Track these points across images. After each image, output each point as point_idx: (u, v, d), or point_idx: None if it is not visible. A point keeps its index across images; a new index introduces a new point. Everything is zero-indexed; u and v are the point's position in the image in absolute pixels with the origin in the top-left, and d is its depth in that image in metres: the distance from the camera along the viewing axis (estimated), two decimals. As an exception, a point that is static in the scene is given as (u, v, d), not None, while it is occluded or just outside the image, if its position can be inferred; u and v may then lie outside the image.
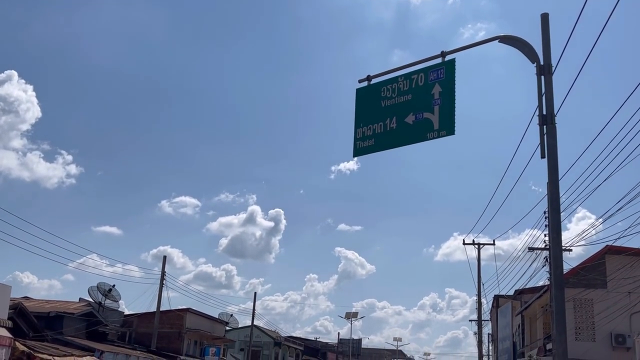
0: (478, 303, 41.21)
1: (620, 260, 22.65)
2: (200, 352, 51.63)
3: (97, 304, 41.09)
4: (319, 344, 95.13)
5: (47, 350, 27.22)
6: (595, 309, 23.74)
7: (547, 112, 11.00)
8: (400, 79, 11.68)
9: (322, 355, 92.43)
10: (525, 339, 32.67)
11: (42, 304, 37.29)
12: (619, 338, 23.53)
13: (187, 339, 49.54)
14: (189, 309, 50.68)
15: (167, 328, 47.52)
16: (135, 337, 46.74)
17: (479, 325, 42.20)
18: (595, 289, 23.74)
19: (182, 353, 46.80)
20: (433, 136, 11.09)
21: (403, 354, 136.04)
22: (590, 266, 24.05)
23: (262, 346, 73.70)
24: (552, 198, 10.94)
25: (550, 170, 10.93)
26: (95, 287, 42.06)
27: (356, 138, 12.26)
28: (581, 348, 22.87)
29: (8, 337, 24.00)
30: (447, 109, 10.94)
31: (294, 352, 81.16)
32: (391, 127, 11.71)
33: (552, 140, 10.97)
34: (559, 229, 11.01)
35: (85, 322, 36.26)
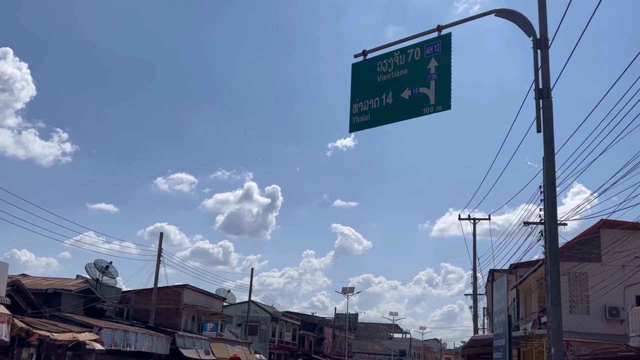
0: (473, 277, 41.57)
1: (615, 233, 22.79)
2: (198, 327, 52.01)
3: (95, 281, 41.25)
4: (315, 319, 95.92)
5: (45, 327, 27.38)
6: (589, 282, 23.95)
7: (543, 86, 10.99)
8: (396, 53, 11.61)
9: (319, 330, 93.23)
10: (520, 313, 32.99)
11: (39, 281, 37.42)
12: (612, 311, 23.78)
13: (185, 315, 49.88)
14: (186, 285, 50.96)
15: (165, 304, 47.81)
16: (133, 314, 47.04)
17: (474, 299, 42.61)
18: (589, 262, 23.93)
19: (180, 329, 47.15)
20: (429, 111, 11.06)
21: (399, 328, 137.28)
22: (585, 240, 24.22)
23: (260, 321, 74.29)
24: (548, 172, 10.97)
25: (546, 144, 10.94)
26: (92, 264, 42.20)
27: (352, 114, 12.23)
28: (575, 321, 23.12)
29: (6, 314, 24.10)
30: (443, 83, 10.91)
31: (291, 327, 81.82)
32: (387, 102, 11.67)
33: (548, 115, 10.97)
34: (555, 203, 11.07)
35: (83, 299, 36.43)
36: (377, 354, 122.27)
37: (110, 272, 43.48)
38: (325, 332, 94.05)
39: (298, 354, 76.62)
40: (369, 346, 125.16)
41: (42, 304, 31.15)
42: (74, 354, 31.26)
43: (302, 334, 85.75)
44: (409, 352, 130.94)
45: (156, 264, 45.45)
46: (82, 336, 29.99)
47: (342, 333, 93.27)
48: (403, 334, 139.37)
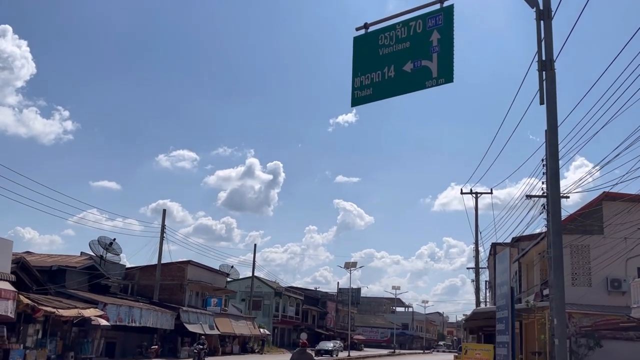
0: (475, 251, 41.69)
1: (617, 206, 22.78)
2: (202, 303, 52.38)
3: (99, 258, 41.46)
4: (318, 294, 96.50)
5: (50, 303, 27.62)
6: (591, 255, 24.00)
7: (546, 58, 10.90)
8: (398, 26, 11.49)
9: (322, 304, 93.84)
10: (522, 286, 33.13)
11: (44, 258, 37.61)
12: (614, 283, 23.86)
13: (189, 291, 50.21)
14: (190, 261, 51.21)
15: (169, 280, 48.11)
16: (138, 290, 47.36)
17: (477, 272, 42.78)
18: (592, 235, 23.97)
19: (184, 304, 47.49)
20: (431, 84, 10.97)
21: (402, 302, 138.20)
22: (587, 212, 24.23)
23: (263, 296, 74.77)
24: (551, 144, 10.94)
25: (549, 116, 10.89)
26: (96, 241, 42.38)
27: (354, 87, 12.13)
28: (577, 293, 23.22)
29: (12, 291, 24.30)
30: (446, 56, 10.79)
31: (295, 301, 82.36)
32: (389, 75, 11.57)
33: (551, 86, 10.90)
34: (557, 175, 11.05)
35: (88, 276, 36.65)
36: (380, 327, 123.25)
37: (114, 248, 43.68)
38: (328, 306, 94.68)
39: (302, 328, 77.21)
40: (372, 320, 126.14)
41: (47, 281, 31.36)
42: (79, 330, 31.55)
43: (305, 309, 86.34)
44: (411, 325, 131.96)
45: (159, 241, 45.65)
46: (87, 312, 30.25)
47: (345, 307, 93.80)
48: (405, 307, 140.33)
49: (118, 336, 36.75)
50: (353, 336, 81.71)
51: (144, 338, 39.82)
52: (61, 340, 30.01)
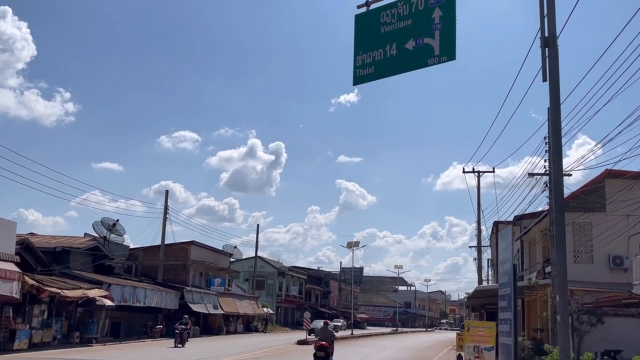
0: (478, 229, 41.77)
1: (620, 183, 22.77)
2: (206, 283, 52.67)
3: (102, 239, 41.61)
4: (321, 273, 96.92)
5: (55, 284, 27.79)
6: (594, 232, 24.04)
7: (549, 34, 10.84)
8: (400, 3, 11.41)
9: (324, 283, 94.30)
10: (524, 264, 33.24)
11: (47, 239, 37.77)
12: (616, 260, 23.94)
13: (193, 271, 50.47)
14: (193, 241, 51.40)
15: (173, 260, 48.34)
16: (142, 270, 47.60)
17: (479, 251, 42.89)
18: (594, 212, 24.01)
19: (188, 284, 47.76)
20: (434, 62, 10.91)
21: (404, 281, 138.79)
22: (589, 190, 24.24)
23: (267, 276, 75.14)
24: (553, 121, 10.91)
25: (552, 93, 10.86)
26: (99, 222, 42.49)
27: (356, 66, 12.07)
28: (580, 270, 23.31)
29: (17, 272, 24.45)
30: (448, 33, 10.72)
31: (298, 281, 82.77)
32: (391, 53, 11.51)
33: (554, 63, 10.86)
34: (560, 152, 11.04)
35: (92, 257, 36.83)
36: (383, 306, 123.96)
37: (118, 229, 43.82)
38: (331, 285, 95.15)
39: (305, 307, 77.66)
40: (375, 299, 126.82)
41: (51, 262, 31.53)
42: (84, 310, 31.79)
43: (308, 288, 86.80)
44: (414, 304, 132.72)
45: (163, 222, 45.81)
46: (92, 292, 30.46)
47: (348, 286, 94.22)
48: (408, 286, 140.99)
49: (123, 316, 37.01)
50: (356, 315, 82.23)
51: (149, 318, 40.11)
52: (66, 320, 30.25)
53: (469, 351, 19.19)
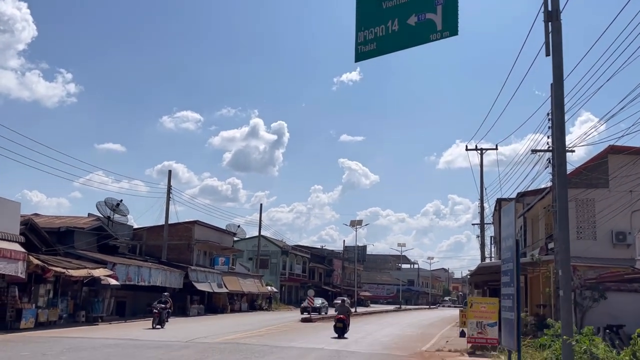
0: (480, 207, 41.82)
1: (623, 159, 22.72)
2: (210, 262, 52.92)
3: (106, 219, 41.76)
4: (325, 252, 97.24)
5: (60, 264, 27.95)
6: (596, 208, 24.02)
7: (552, 8, 10.78)
8: (402, -22, 11.32)
9: (328, 262, 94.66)
10: (527, 240, 33.29)
11: (51, 219, 37.91)
12: (619, 235, 23.95)
13: (197, 250, 50.69)
14: (197, 221, 51.55)
15: (177, 240, 48.53)
16: (146, 250, 47.82)
17: (482, 228, 42.97)
18: (597, 188, 23.97)
19: (192, 263, 47.99)
20: (436, 37, 10.84)
21: (407, 259, 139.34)
22: (592, 166, 24.18)
23: (270, 255, 75.44)
24: (557, 96, 10.89)
25: (555, 68, 10.82)
26: (103, 202, 42.63)
27: (357, 42, 12.00)
28: (582, 246, 23.31)
29: (22, 252, 24.58)
30: (450, 8, 10.64)
31: (301, 260, 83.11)
32: (393, 29, 11.44)
33: (557, 38, 10.80)
34: (563, 127, 11.03)
35: (96, 236, 36.97)
36: (386, 284, 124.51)
37: (121, 209, 43.96)
38: (334, 264, 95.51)
39: (308, 285, 78.03)
40: (378, 277, 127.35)
41: (56, 242, 31.67)
42: (89, 290, 31.99)
43: (312, 267, 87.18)
44: (417, 281, 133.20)
45: (166, 202, 45.90)
46: (96, 272, 30.63)
47: (351, 265, 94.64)
48: (411, 264, 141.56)
49: (128, 295, 37.25)
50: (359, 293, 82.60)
51: (154, 297, 40.29)
52: (72, 299, 30.46)
53: (472, 327, 19.32)
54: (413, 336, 29.09)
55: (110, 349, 17.70)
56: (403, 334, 30.19)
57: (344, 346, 21.24)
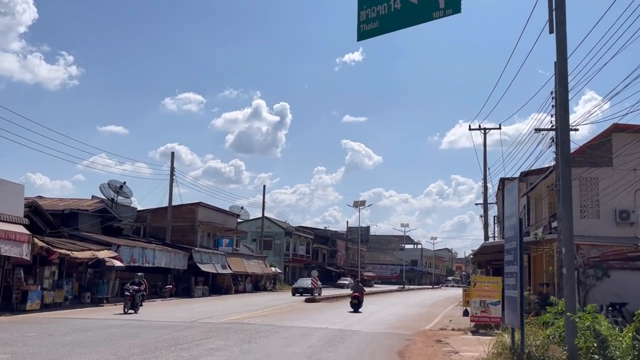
0: (484, 186, 41.78)
1: (626, 137, 22.64)
2: (213, 243, 53.08)
3: (110, 201, 41.85)
4: (328, 233, 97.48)
5: (65, 246, 28.06)
6: (600, 186, 23.97)
7: (556, -15, 10.67)
8: (404, -45, 11.20)
9: (331, 243, 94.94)
10: (530, 219, 33.29)
11: (55, 202, 37.98)
12: (623, 214, 23.93)
13: (200, 232, 50.82)
14: (200, 203, 51.63)
15: (180, 222, 48.64)
16: (150, 232, 47.96)
17: (485, 208, 42.96)
18: (600, 167, 23.92)
19: (197, 245, 48.15)
20: (438, 15, 10.75)
21: (410, 240, 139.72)
22: (596, 144, 24.09)
23: (274, 236, 75.67)
24: (560, 74, 10.82)
25: (559, 45, 10.74)
26: (106, 185, 42.70)
27: (360, 21, 11.93)
28: (586, 224, 23.31)
29: (26, 234, 24.67)
30: (453, -15, 10.55)
31: (305, 240, 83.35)
32: (395, 7, 11.35)
33: (561, 15, 10.71)
34: (567, 106, 10.98)
35: (100, 219, 37.07)
36: (390, 264, 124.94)
37: (125, 191, 44.04)
38: (338, 245, 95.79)
39: (312, 266, 78.42)
40: (381, 257, 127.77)
41: (60, 224, 31.77)
42: (94, 271, 32.14)
43: (315, 247, 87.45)
44: (420, 262, 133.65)
45: (169, 184, 45.96)
46: (101, 254, 30.77)
47: (355, 245, 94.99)
48: (414, 244, 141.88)
49: (132, 277, 37.35)
50: (363, 273, 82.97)
51: (158, 278, 40.57)
52: (77, 281, 30.62)
53: (475, 306, 19.42)
54: (416, 315, 29.25)
55: (115, 329, 17.83)
56: (406, 314, 30.34)
57: (347, 325, 21.37)
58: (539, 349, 10.00)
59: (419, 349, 15.19)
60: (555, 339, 10.89)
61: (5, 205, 24.46)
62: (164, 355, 12.36)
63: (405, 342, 16.71)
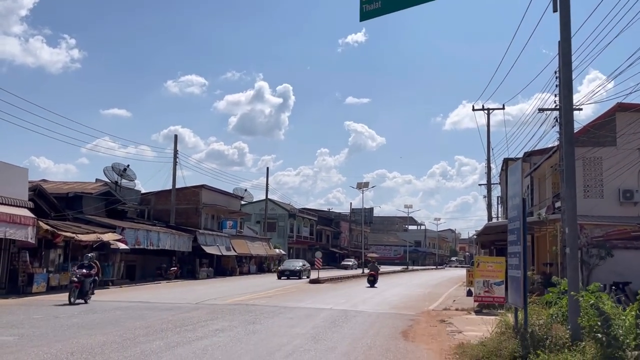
0: (487, 167, 41.74)
1: (631, 116, 22.51)
2: (217, 225, 53.26)
3: (114, 184, 41.93)
4: (332, 214, 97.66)
5: (69, 229, 28.19)
6: (604, 166, 23.87)
7: (560, -38, 10.58)
8: None
9: (335, 224, 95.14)
10: (534, 200, 33.29)
11: (59, 185, 38.09)
12: (626, 194, 23.88)
13: (204, 214, 50.97)
14: (204, 185, 51.75)
15: (184, 204, 48.76)
16: (154, 214, 48.11)
17: (488, 188, 42.95)
18: (604, 146, 23.82)
19: (201, 227, 48.31)
20: (442, -6, 10.68)
21: (414, 221, 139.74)
22: (600, 124, 23.97)
23: (278, 218, 75.84)
24: (564, 53, 10.76)
25: (562, 25, 10.66)
26: (110, 168, 42.76)
27: (362, 1, 11.83)
28: (589, 204, 23.27)
29: (31, 217, 24.77)
30: (456, -36, 10.46)
31: (308, 222, 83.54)
32: (398, -14, 11.27)
33: (565, -8, 10.62)
34: (570, 85, 10.93)
35: (104, 201, 37.17)
36: (393, 245, 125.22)
37: (128, 174, 44.10)
38: (341, 226, 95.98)
39: (316, 247, 78.68)
40: (385, 238, 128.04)
41: (64, 207, 31.86)
42: (99, 254, 32.28)
43: (319, 229, 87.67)
44: (424, 242, 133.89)
45: (173, 166, 46.02)
46: (106, 236, 30.92)
47: (358, 227, 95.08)
48: (418, 225, 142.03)
49: (137, 259, 37.62)
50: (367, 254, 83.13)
51: (163, 260, 40.77)
52: (82, 264, 30.77)
53: (478, 286, 19.48)
54: (420, 296, 29.37)
55: (121, 311, 17.96)
56: (410, 294, 30.47)
57: (352, 306, 21.49)
58: (542, 328, 10.03)
59: (422, 328, 15.29)
60: (559, 318, 10.93)
61: (9, 189, 24.54)
62: (170, 336, 12.46)
63: (409, 322, 16.81)
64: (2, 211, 22.92)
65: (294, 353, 10.73)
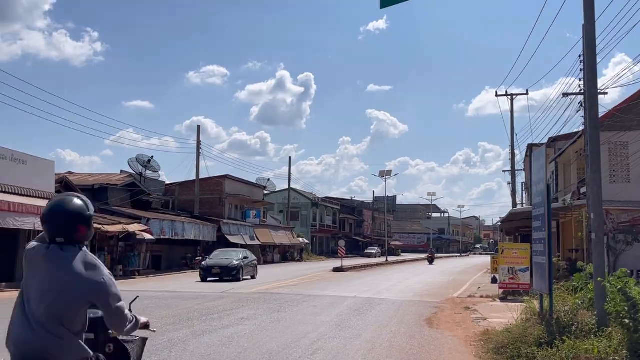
0: (511, 153, 41.40)
1: (658, 100, 22.20)
2: (241, 215, 53.58)
3: (138, 175, 42.33)
4: (355, 203, 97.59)
5: (95, 220, 28.48)
6: (630, 150, 23.51)
7: (583, -56, 10.42)
8: None
9: (358, 213, 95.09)
10: (559, 185, 32.97)
11: (85, 177, 38.58)
12: (654, 178, 23.54)
13: (228, 204, 51.31)
14: (227, 175, 52.07)
15: (208, 194, 49.11)
16: (178, 205, 48.54)
17: (512, 174, 42.64)
18: (630, 130, 23.44)
19: (225, 217, 48.64)
20: (463, -21, 10.58)
21: (437, 208, 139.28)
22: (626, 107, 23.59)
23: (300, 207, 76.02)
24: (588, 36, 10.62)
25: (586, 7, 10.52)
26: (134, 159, 43.15)
27: (383, -12, 11.74)
28: (615, 189, 22.93)
29: (58, 209, 25.10)
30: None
31: (331, 211, 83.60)
32: (419, -27, 11.17)
33: (589, -25, 10.47)
34: (595, 69, 10.79)
35: (129, 193, 37.57)
36: (417, 233, 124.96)
37: (153, 166, 44.47)
38: (364, 214, 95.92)
39: (339, 236, 78.75)
40: (408, 226, 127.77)
41: (90, 199, 31.96)
42: (125, 244, 32.69)
43: (342, 218, 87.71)
44: (447, 230, 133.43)
45: (196, 157, 46.32)
46: (131, 227, 31.26)
47: (382, 215, 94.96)
48: (441, 213, 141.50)
49: (163, 249, 38.02)
50: (390, 242, 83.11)
51: (188, 250, 41.16)
52: (109, 254, 31.18)
53: (503, 273, 19.40)
54: (444, 283, 29.31)
55: (148, 300, 18.16)
56: (434, 282, 30.42)
57: (376, 294, 21.52)
58: (568, 314, 9.96)
59: (447, 316, 15.28)
60: (585, 304, 10.84)
61: (37, 181, 24.92)
62: (196, 325, 12.61)
63: (434, 309, 16.81)
64: (31, 203, 23.29)
65: (319, 340, 10.80)
